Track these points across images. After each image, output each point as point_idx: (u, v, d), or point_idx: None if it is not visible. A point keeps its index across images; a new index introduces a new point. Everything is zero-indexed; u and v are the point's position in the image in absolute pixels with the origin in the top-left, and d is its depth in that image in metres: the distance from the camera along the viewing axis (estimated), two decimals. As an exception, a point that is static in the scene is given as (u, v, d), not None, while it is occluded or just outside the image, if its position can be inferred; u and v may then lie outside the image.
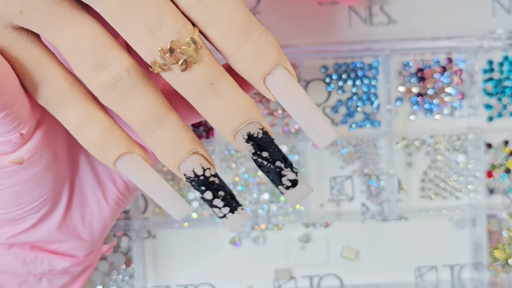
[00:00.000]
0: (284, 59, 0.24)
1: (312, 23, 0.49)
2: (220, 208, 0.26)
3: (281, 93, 0.24)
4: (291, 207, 0.51)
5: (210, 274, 0.51)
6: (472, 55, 0.49)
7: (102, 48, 0.22)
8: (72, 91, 0.24)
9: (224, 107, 0.24)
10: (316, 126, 0.24)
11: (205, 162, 0.25)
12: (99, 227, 0.32)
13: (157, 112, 0.24)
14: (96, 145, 0.25)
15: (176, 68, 0.22)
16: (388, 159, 0.50)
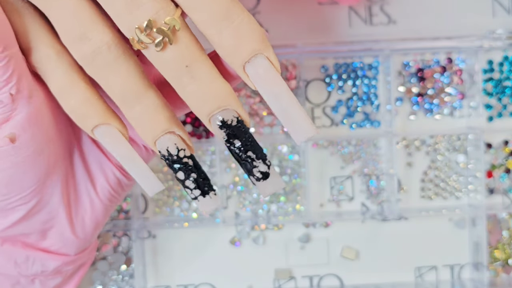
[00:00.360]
0: (267, 47, 0.24)
1: (312, 23, 0.49)
2: (192, 189, 0.26)
3: (260, 82, 0.24)
4: (291, 207, 0.51)
5: (210, 274, 0.51)
6: (472, 55, 0.49)
7: (86, 21, 0.23)
8: (58, 59, 0.25)
9: (199, 91, 0.24)
10: (294, 120, 0.24)
11: (181, 143, 0.26)
12: (91, 224, 0.32)
13: (135, 89, 0.25)
14: (76, 112, 0.26)
15: (152, 47, 0.23)
16: (388, 159, 0.50)
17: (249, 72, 0.24)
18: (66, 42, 0.24)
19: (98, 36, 0.23)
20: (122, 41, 0.24)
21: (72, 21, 0.23)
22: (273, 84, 0.24)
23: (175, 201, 0.51)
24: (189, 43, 0.23)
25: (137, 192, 0.49)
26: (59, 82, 0.25)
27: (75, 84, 0.25)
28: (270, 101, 0.24)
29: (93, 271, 0.50)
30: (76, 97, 0.25)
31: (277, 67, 0.24)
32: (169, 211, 0.51)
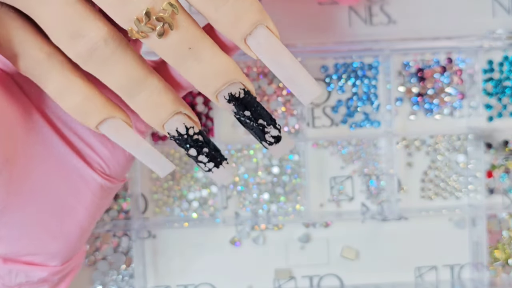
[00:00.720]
0: (266, 17, 0.23)
1: (312, 23, 0.49)
2: (205, 163, 0.26)
3: (263, 52, 0.24)
4: (291, 207, 0.51)
5: (210, 274, 0.51)
6: (472, 55, 0.49)
7: (77, 18, 0.22)
8: (49, 62, 0.24)
9: (204, 71, 0.24)
10: (300, 83, 0.24)
11: (188, 121, 0.26)
12: (76, 232, 0.31)
13: (136, 78, 0.24)
14: (77, 111, 0.25)
15: (153, 35, 0.22)
16: (388, 159, 0.50)
17: (251, 43, 0.24)
18: (57, 42, 0.23)
19: (92, 32, 0.23)
20: (117, 32, 0.24)
21: (62, 20, 0.22)
22: (276, 53, 0.24)
23: (175, 201, 0.51)
24: (189, 25, 0.23)
25: (137, 192, 0.49)
26: (54, 85, 0.25)
27: (71, 84, 0.25)
28: (274, 69, 0.24)
29: (93, 271, 0.50)
30: (75, 97, 0.25)
31: (277, 34, 0.24)
32: (169, 211, 0.51)
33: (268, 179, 0.51)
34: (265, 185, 0.51)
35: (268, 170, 0.50)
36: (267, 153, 0.51)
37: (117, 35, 0.23)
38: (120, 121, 0.26)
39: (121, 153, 0.30)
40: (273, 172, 0.50)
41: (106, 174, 0.30)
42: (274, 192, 0.51)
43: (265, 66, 0.50)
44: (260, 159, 0.50)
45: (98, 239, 0.50)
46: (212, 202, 0.51)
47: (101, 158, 0.30)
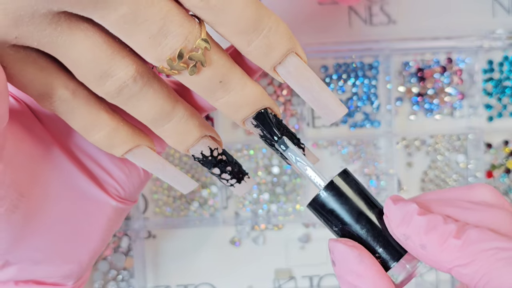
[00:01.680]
0: (296, 44, 0.24)
1: (312, 23, 0.49)
2: (228, 180, 0.27)
3: (291, 79, 0.24)
4: (291, 207, 0.51)
5: (210, 274, 0.51)
6: (472, 55, 0.49)
7: (105, 60, 0.22)
8: (74, 99, 0.24)
9: (233, 101, 0.24)
10: (326, 105, 0.25)
11: (213, 143, 0.26)
12: (88, 256, 0.31)
13: (163, 110, 0.24)
14: (104, 144, 0.25)
15: (185, 72, 0.22)
16: (388, 159, 0.50)
17: (280, 71, 0.24)
18: (85, 82, 0.23)
19: (121, 71, 0.22)
20: (145, 68, 0.23)
21: (91, 62, 0.22)
22: (304, 78, 0.24)
23: (175, 201, 0.51)
24: (220, 60, 0.23)
25: (137, 192, 0.49)
26: (80, 121, 0.25)
27: (97, 119, 0.25)
28: (302, 93, 0.25)
29: (93, 271, 0.50)
30: (101, 131, 0.25)
31: (305, 59, 0.24)
32: (169, 211, 0.51)
33: (268, 179, 0.51)
34: (265, 185, 0.51)
35: (268, 170, 0.50)
36: (267, 153, 0.51)
37: (145, 70, 0.23)
38: (146, 148, 0.26)
39: (137, 175, 0.30)
40: (273, 172, 0.50)
41: (121, 197, 0.30)
42: (274, 192, 0.51)
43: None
44: (260, 159, 0.50)
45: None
46: (212, 202, 0.51)
47: (117, 182, 0.30)
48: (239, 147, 0.50)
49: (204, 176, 0.50)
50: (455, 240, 0.23)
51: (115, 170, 0.29)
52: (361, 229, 0.25)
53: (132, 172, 0.30)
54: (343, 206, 0.25)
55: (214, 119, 0.49)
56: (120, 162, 0.29)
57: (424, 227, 0.23)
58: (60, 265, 0.30)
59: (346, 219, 0.25)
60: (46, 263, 0.29)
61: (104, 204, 0.30)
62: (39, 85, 0.23)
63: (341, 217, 0.25)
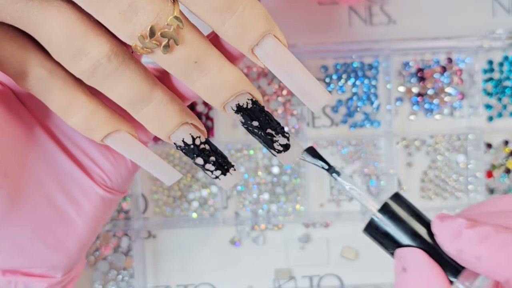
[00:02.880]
0: (273, 26, 0.23)
1: (312, 23, 0.49)
2: (212, 171, 0.26)
3: (270, 62, 0.24)
4: (291, 207, 0.51)
5: (210, 274, 0.51)
6: (472, 55, 0.49)
7: (78, 36, 0.22)
8: (51, 78, 0.24)
9: (210, 83, 0.23)
10: (309, 92, 0.24)
11: (195, 131, 0.26)
12: (76, 246, 0.30)
13: (141, 92, 0.24)
14: (82, 127, 0.25)
15: (158, 50, 0.22)
16: (388, 159, 0.50)
17: (258, 54, 0.23)
18: (59, 60, 0.23)
19: (95, 49, 0.22)
20: (120, 47, 0.23)
21: (64, 39, 0.22)
22: (284, 62, 0.24)
23: (175, 201, 0.51)
24: (195, 39, 0.23)
25: (137, 192, 0.49)
26: (57, 101, 0.24)
27: (75, 100, 0.24)
28: (282, 78, 0.24)
29: (93, 271, 0.50)
30: (79, 113, 0.24)
31: (285, 43, 0.24)
32: (169, 211, 0.51)
33: (268, 179, 0.51)
34: (265, 185, 0.51)
35: (268, 170, 0.50)
36: (267, 153, 0.51)
37: (120, 50, 0.23)
38: (126, 134, 0.26)
39: (124, 165, 0.30)
40: (273, 172, 0.50)
41: (107, 186, 0.30)
42: (274, 192, 0.51)
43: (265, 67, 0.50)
44: (260, 159, 0.50)
45: (98, 239, 0.50)
46: (212, 202, 0.51)
47: (103, 171, 0.29)
48: (239, 147, 0.50)
49: (204, 176, 0.50)
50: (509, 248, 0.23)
51: (100, 158, 0.29)
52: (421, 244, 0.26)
53: (119, 162, 0.29)
54: (397, 228, 0.26)
55: (214, 119, 0.49)
56: (106, 150, 0.29)
57: (475, 238, 0.23)
58: (46, 254, 0.29)
59: (401, 240, 0.26)
60: (31, 251, 0.29)
61: (90, 191, 0.29)
62: (16, 63, 0.23)
63: (396, 239, 0.26)
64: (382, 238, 0.27)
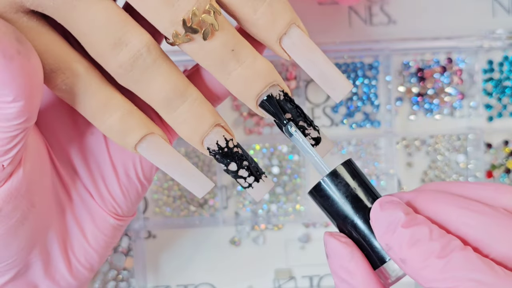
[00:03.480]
0: (297, 18, 0.24)
1: (312, 23, 0.49)
2: (245, 178, 0.25)
3: (296, 52, 0.24)
4: (291, 207, 0.51)
5: (210, 274, 0.51)
6: (472, 55, 0.49)
7: (119, 25, 0.22)
8: (87, 76, 0.23)
9: (246, 73, 0.23)
10: (332, 80, 0.25)
11: (227, 134, 0.25)
12: (86, 271, 0.30)
13: (178, 87, 0.23)
14: (116, 129, 0.24)
15: (198, 37, 0.22)
16: (388, 159, 0.50)
17: (285, 44, 0.24)
18: (97, 53, 0.22)
19: (135, 39, 0.22)
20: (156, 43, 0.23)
21: (103, 27, 0.21)
22: (309, 51, 0.24)
23: (175, 201, 0.51)
24: (230, 27, 0.23)
25: (137, 192, 0.49)
26: (93, 101, 0.23)
27: (111, 99, 0.24)
28: (307, 67, 0.24)
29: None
30: (116, 113, 0.24)
31: (307, 33, 0.24)
32: (169, 211, 0.51)
33: (268, 179, 0.51)
34: (265, 185, 0.50)
35: (268, 170, 0.50)
36: (267, 153, 0.51)
37: (157, 43, 0.23)
38: (160, 138, 0.25)
39: (135, 192, 0.29)
40: (273, 172, 0.50)
41: (118, 215, 0.29)
42: (274, 192, 0.51)
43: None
44: (260, 159, 0.50)
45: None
46: (212, 202, 0.51)
47: (115, 200, 0.29)
48: (239, 147, 0.50)
49: (204, 176, 0.50)
50: (436, 260, 0.21)
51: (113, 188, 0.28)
52: (355, 226, 0.24)
53: (130, 190, 0.29)
54: (342, 198, 0.24)
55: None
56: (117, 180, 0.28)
57: (406, 241, 0.22)
58: (57, 280, 0.29)
59: (342, 212, 0.24)
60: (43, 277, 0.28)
61: (101, 221, 0.29)
62: (52, 58, 0.23)
63: (338, 209, 0.24)
64: (325, 205, 0.25)
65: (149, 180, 0.29)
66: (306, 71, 0.25)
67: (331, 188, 0.24)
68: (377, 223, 0.23)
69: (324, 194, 0.24)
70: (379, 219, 0.23)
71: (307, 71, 0.24)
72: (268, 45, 0.24)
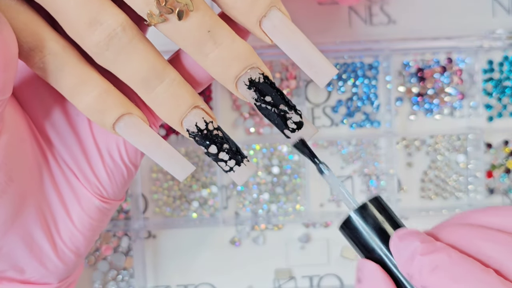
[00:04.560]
0: (278, 1, 0.23)
1: (312, 23, 0.49)
2: (226, 161, 0.25)
3: (278, 35, 0.24)
4: (291, 207, 0.51)
5: (210, 274, 0.51)
6: (472, 55, 0.49)
7: (94, 5, 0.22)
8: (64, 54, 0.23)
9: (223, 55, 0.23)
10: (315, 64, 0.25)
11: (207, 116, 0.25)
12: (72, 254, 0.29)
13: (155, 67, 0.23)
14: (93, 108, 0.24)
15: (172, 17, 0.22)
16: (388, 159, 0.50)
17: (266, 26, 0.24)
18: (73, 32, 0.22)
19: (110, 18, 0.22)
20: (133, 23, 0.23)
21: (80, 7, 0.22)
22: (291, 34, 0.24)
23: (175, 201, 0.51)
24: (206, 8, 0.23)
25: (137, 192, 0.49)
26: (70, 79, 0.23)
27: (88, 78, 0.24)
28: (289, 51, 0.24)
29: (93, 271, 0.50)
30: (92, 92, 0.24)
31: (289, 16, 0.24)
32: (169, 211, 0.51)
33: (268, 179, 0.51)
34: (265, 185, 0.51)
35: (268, 170, 0.50)
36: (267, 153, 0.51)
37: (133, 23, 0.23)
38: (138, 118, 0.25)
39: (120, 175, 0.29)
40: (273, 172, 0.50)
41: (104, 197, 0.29)
42: (274, 192, 0.51)
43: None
44: (260, 159, 0.50)
45: (98, 239, 0.50)
46: (212, 202, 0.51)
47: (100, 182, 0.28)
48: (239, 147, 0.50)
49: (204, 176, 0.50)
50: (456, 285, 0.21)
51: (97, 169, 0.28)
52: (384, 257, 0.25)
53: (115, 172, 0.29)
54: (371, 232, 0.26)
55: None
56: (102, 161, 0.28)
57: (426, 267, 0.22)
58: (43, 262, 0.29)
59: (371, 244, 0.26)
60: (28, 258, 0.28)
61: (86, 202, 0.29)
62: (30, 36, 0.23)
63: (367, 241, 0.26)
64: (354, 238, 0.26)
65: (134, 164, 0.29)
66: (289, 55, 0.24)
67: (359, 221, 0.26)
68: (398, 253, 0.24)
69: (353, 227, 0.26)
70: (399, 250, 0.24)
71: (289, 55, 0.24)
72: (249, 28, 0.24)
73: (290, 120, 0.25)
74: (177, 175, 0.26)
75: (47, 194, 0.28)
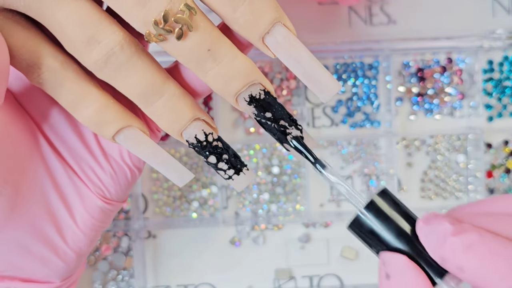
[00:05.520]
0: (282, 15, 0.23)
1: (312, 23, 0.49)
2: (225, 170, 0.25)
3: (281, 51, 0.24)
4: (291, 207, 0.51)
5: (210, 274, 0.51)
6: (472, 55, 0.49)
7: (92, 24, 0.22)
8: (63, 71, 0.24)
9: (223, 72, 0.23)
10: (318, 80, 0.24)
11: (207, 127, 0.25)
12: (73, 253, 0.30)
13: (154, 83, 0.24)
14: (93, 122, 0.24)
15: (171, 37, 0.22)
16: (388, 159, 0.50)
17: (269, 42, 0.23)
18: (72, 50, 0.23)
19: (108, 37, 0.22)
20: (132, 38, 0.23)
21: (75, 27, 0.22)
22: (294, 50, 0.24)
23: (175, 201, 0.51)
24: (207, 26, 0.23)
25: (137, 192, 0.49)
26: (68, 95, 0.24)
27: (86, 93, 0.24)
28: (292, 67, 0.24)
29: (93, 271, 0.50)
30: (91, 107, 0.24)
31: (294, 31, 0.24)
32: (169, 211, 0.51)
33: (268, 179, 0.51)
34: (265, 185, 0.51)
35: (268, 170, 0.50)
36: (267, 153, 0.51)
37: (132, 40, 0.23)
38: (137, 130, 0.25)
39: (123, 176, 0.29)
40: (273, 172, 0.50)
41: (106, 198, 0.29)
42: (274, 192, 0.51)
43: (265, 65, 0.50)
44: (260, 159, 0.50)
45: (98, 239, 0.50)
46: (212, 202, 0.51)
47: (102, 183, 0.29)
48: (239, 147, 0.50)
49: (205, 176, 0.50)
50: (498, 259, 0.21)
51: (100, 170, 0.29)
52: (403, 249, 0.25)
53: (119, 173, 0.29)
54: (382, 227, 0.25)
55: (213, 119, 0.49)
56: (106, 162, 0.29)
57: (460, 247, 0.22)
58: (44, 261, 0.29)
59: (385, 240, 0.25)
60: (29, 256, 0.28)
61: (89, 202, 0.29)
62: (28, 53, 0.23)
63: (381, 238, 0.25)
64: (366, 236, 0.25)
65: (137, 167, 0.29)
66: (292, 70, 0.24)
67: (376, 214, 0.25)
68: (426, 238, 0.23)
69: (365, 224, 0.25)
70: (427, 234, 0.23)
71: (292, 70, 0.24)
72: (252, 42, 0.24)
73: (289, 136, 0.25)
74: (176, 182, 0.27)
75: (49, 194, 0.28)
